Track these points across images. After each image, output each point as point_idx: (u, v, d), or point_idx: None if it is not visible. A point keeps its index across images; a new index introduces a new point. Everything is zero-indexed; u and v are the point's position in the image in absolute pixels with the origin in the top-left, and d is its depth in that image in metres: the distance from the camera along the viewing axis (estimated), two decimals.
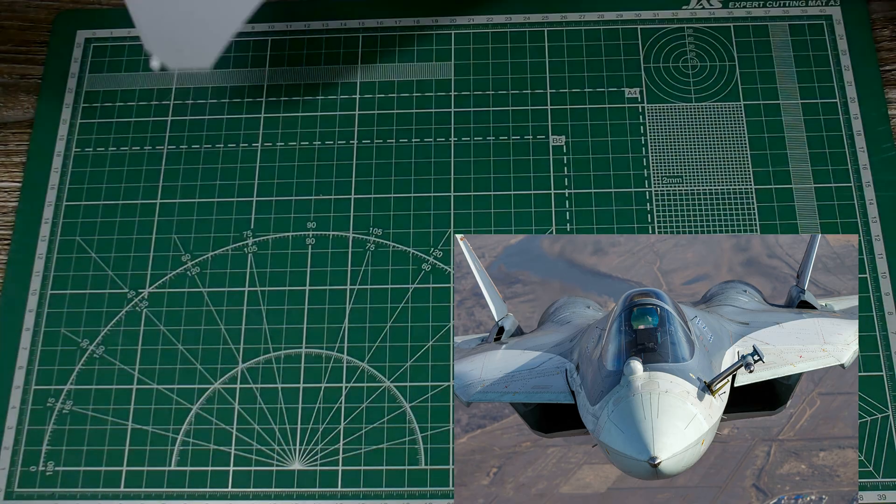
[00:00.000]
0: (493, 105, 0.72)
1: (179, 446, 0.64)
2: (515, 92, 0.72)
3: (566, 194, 0.69)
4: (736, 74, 0.73)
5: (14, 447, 0.64)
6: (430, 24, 0.76)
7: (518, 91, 0.73)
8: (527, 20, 0.76)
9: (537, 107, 0.72)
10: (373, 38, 0.75)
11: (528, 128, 0.72)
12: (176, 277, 0.68)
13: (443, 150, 0.71)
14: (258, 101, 0.73)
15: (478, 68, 0.74)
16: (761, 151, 0.70)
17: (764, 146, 0.70)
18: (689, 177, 0.69)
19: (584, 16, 0.76)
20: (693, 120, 0.71)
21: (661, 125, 0.71)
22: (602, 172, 0.70)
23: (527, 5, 0.76)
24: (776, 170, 0.69)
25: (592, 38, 0.75)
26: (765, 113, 0.71)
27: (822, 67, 0.73)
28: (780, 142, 0.70)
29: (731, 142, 0.70)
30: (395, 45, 0.75)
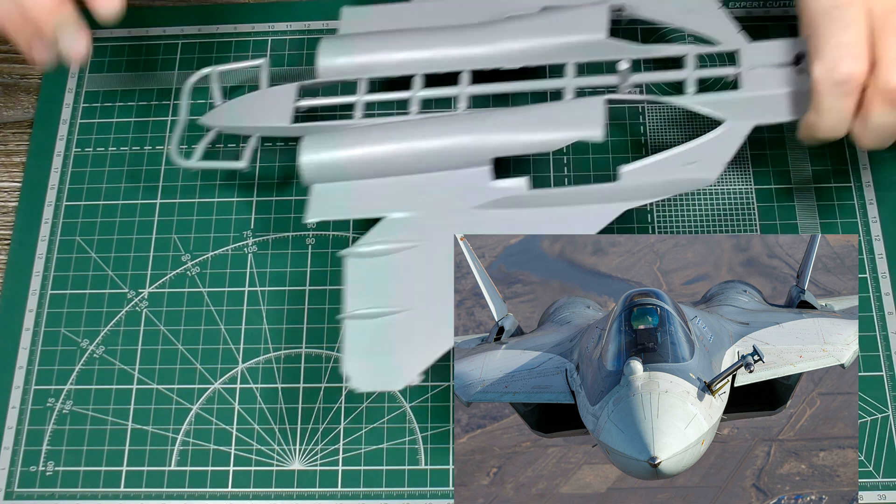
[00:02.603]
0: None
1: (179, 446, 0.64)
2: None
3: None
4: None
5: (14, 447, 0.64)
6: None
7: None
8: None
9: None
10: None
11: None
12: (176, 277, 0.68)
13: None
14: None
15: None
16: (761, 151, 0.70)
17: (764, 146, 0.70)
18: None
19: None
20: (693, 120, 0.71)
21: (661, 125, 0.71)
22: (602, 172, 0.70)
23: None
24: (776, 170, 0.69)
25: None
26: None
27: None
28: (780, 142, 0.70)
29: None
30: None
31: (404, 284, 0.59)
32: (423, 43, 0.66)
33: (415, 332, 0.58)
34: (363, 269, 0.60)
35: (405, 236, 0.60)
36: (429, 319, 0.58)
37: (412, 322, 0.58)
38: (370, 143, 0.62)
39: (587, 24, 0.65)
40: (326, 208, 0.62)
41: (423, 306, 0.58)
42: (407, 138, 0.62)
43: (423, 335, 0.57)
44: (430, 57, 0.65)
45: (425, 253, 0.60)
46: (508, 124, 0.61)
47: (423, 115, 0.64)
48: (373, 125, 0.63)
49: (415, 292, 0.59)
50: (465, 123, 0.62)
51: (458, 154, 0.61)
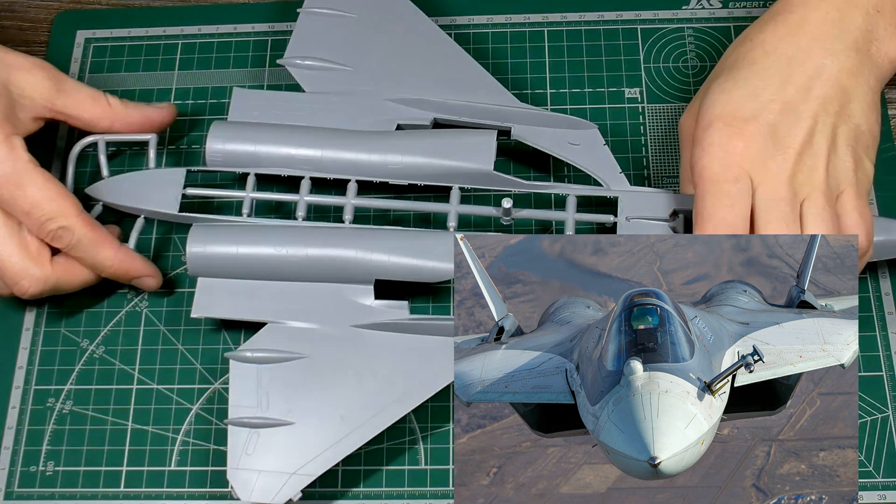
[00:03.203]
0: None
1: (179, 446, 0.64)
2: (515, 92, 0.72)
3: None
4: None
5: (14, 447, 0.64)
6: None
7: (518, 91, 0.73)
8: (527, 20, 0.76)
9: (537, 107, 0.72)
10: None
11: None
12: (176, 277, 0.68)
13: None
14: None
15: None
16: None
17: None
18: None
19: (584, 16, 0.76)
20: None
21: (661, 125, 0.71)
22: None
23: (527, 5, 0.76)
24: None
25: (592, 38, 0.75)
26: None
27: None
28: None
29: None
30: None
31: (287, 396, 0.60)
32: (314, 142, 0.66)
33: (297, 447, 0.59)
34: (248, 375, 0.61)
35: (290, 347, 0.61)
36: (312, 436, 0.59)
37: (295, 436, 0.59)
38: (256, 244, 0.63)
39: (475, 153, 0.65)
40: (212, 305, 0.63)
41: (306, 421, 0.59)
42: (293, 245, 0.62)
43: (305, 451, 0.59)
44: (319, 157, 0.66)
45: (309, 367, 0.61)
46: (391, 248, 0.62)
47: (310, 224, 0.65)
48: (260, 226, 0.64)
49: (298, 406, 0.60)
50: (351, 239, 0.63)
51: (341, 269, 0.62)
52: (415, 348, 0.61)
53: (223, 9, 0.78)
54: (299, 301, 0.62)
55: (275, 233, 0.63)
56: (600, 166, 0.66)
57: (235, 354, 0.61)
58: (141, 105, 0.69)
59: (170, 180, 0.67)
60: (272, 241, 0.63)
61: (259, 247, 0.63)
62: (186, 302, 0.67)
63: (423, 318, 0.62)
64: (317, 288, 0.63)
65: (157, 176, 0.67)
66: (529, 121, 0.67)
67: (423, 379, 0.60)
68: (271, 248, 0.62)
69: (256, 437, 0.59)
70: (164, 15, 0.78)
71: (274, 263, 0.62)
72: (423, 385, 0.60)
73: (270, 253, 0.62)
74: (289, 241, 0.62)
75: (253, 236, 0.63)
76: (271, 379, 0.60)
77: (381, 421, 0.59)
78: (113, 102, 0.67)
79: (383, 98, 0.68)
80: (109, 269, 0.64)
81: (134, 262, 0.64)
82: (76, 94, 0.66)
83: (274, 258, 0.62)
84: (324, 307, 0.62)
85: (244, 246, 0.63)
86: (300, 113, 0.68)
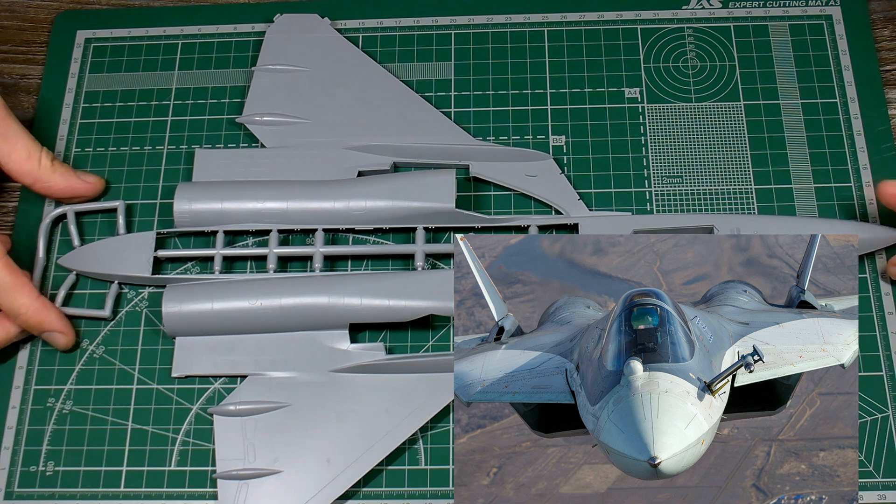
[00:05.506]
0: (493, 105, 0.72)
1: (179, 446, 0.64)
2: (515, 92, 0.72)
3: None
4: (736, 74, 0.73)
5: (14, 447, 0.64)
6: (430, 24, 0.76)
7: (518, 91, 0.73)
8: (527, 20, 0.76)
9: (537, 107, 0.72)
10: (373, 39, 0.75)
11: (529, 128, 0.71)
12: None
13: None
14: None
15: (478, 68, 0.74)
16: (761, 151, 0.70)
17: (764, 146, 0.70)
18: (689, 177, 0.69)
19: (584, 16, 0.76)
20: (693, 120, 0.71)
21: (661, 125, 0.71)
22: (602, 172, 0.70)
23: (527, 5, 0.76)
24: (776, 170, 0.69)
25: (592, 38, 0.75)
26: (765, 113, 0.71)
27: (822, 67, 0.73)
28: (780, 142, 0.70)
29: (731, 142, 0.70)
30: (395, 45, 0.75)
31: (273, 445, 0.61)
32: (278, 194, 0.67)
33: (286, 494, 0.60)
34: (233, 428, 0.62)
35: (272, 396, 0.62)
36: (301, 482, 0.60)
37: (284, 483, 0.60)
38: (230, 299, 0.64)
39: (436, 192, 0.66)
40: (192, 363, 0.64)
41: (294, 468, 0.60)
42: (266, 296, 0.64)
43: (295, 498, 0.60)
44: (285, 208, 0.67)
45: (292, 414, 0.62)
46: (362, 291, 0.63)
47: (281, 275, 0.66)
48: (233, 281, 0.65)
49: (284, 454, 0.61)
50: (322, 286, 0.64)
51: (315, 316, 0.63)
52: (394, 387, 0.62)
53: (223, 9, 0.78)
54: (277, 351, 0.64)
55: (248, 286, 0.64)
56: (559, 195, 0.68)
57: (219, 409, 0.62)
58: (69, 173, 0.68)
59: (140, 244, 0.68)
60: (246, 295, 0.64)
61: (233, 301, 0.64)
62: None
63: (400, 357, 0.63)
64: (293, 337, 0.64)
65: (128, 241, 0.68)
66: (486, 157, 0.69)
67: (404, 416, 0.61)
68: (245, 302, 0.63)
69: (246, 488, 0.60)
70: (164, 15, 0.78)
71: (249, 316, 0.63)
72: (406, 422, 0.61)
73: (245, 306, 0.63)
74: (262, 294, 0.64)
75: (226, 292, 0.64)
76: (256, 430, 0.62)
77: (368, 461, 0.61)
78: (44, 163, 0.67)
79: (342, 147, 0.70)
80: (23, 317, 0.63)
81: (49, 315, 0.64)
82: (14, 141, 0.66)
83: (249, 311, 0.63)
84: (301, 355, 0.63)
85: (219, 302, 0.64)
86: (263, 168, 0.69)
